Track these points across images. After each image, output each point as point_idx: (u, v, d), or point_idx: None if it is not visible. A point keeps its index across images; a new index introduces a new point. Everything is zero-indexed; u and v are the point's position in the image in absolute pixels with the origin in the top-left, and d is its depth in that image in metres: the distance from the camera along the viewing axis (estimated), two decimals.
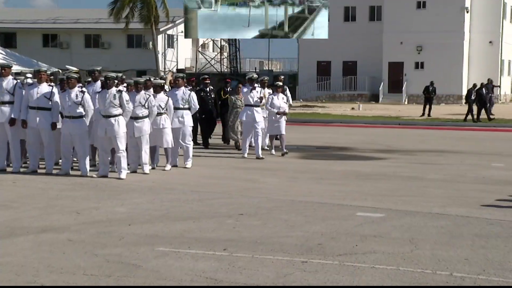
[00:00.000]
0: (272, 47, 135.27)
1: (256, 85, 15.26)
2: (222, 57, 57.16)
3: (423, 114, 32.74)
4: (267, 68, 57.46)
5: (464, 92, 47.41)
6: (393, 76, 48.12)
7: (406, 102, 47.32)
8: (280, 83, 15.61)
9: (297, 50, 52.81)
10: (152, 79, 13.08)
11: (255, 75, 15.57)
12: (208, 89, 16.97)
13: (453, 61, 46.24)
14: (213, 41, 58.16)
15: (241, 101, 15.83)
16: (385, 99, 47.56)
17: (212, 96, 16.96)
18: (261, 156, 14.54)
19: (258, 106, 14.79)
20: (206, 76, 17.65)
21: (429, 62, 46.88)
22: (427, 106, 33.06)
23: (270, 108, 15.22)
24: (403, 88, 47.40)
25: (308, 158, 14.93)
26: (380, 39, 48.12)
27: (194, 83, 18.17)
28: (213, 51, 60.24)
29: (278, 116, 15.23)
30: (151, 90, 12.72)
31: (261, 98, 14.84)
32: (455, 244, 6.92)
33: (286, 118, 15.54)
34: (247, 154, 14.81)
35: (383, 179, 11.87)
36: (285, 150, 15.23)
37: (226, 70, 56.31)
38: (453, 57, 46.20)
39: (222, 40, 57.17)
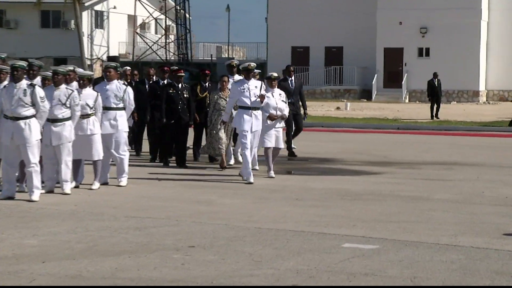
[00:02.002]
0: (233, 29, 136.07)
1: (253, 78, 14.12)
2: (167, 41, 57.10)
3: (433, 116, 33.04)
4: (226, 55, 57.58)
5: (482, 87, 48.11)
6: (390, 67, 48.57)
7: (406, 100, 47.80)
8: (276, 74, 14.58)
9: (266, 33, 53.03)
10: (75, 69, 12.99)
11: (253, 64, 14.13)
12: (180, 86, 15.72)
13: (467, 47, 46.79)
14: (156, 20, 58.08)
15: (226, 100, 14.96)
16: (380, 96, 48.00)
17: (185, 95, 15.71)
18: (250, 179, 13.43)
19: (258, 108, 13.72)
20: (177, 68, 16.23)
21: (436, 49, 47.43)
22: (435, 106, 33.34)
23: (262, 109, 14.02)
24: (403, 81, 47.89)
25: (280, 173, 14.96)
26: (373, 18, 48.55)
27: (131, 76, 18.06)
28: (156, 33, 60.14)
29: (271, 121, 14.16)
30: (74, 83, 12.63)
31: (261, 97, 13.69)
32: (470, 284, 6.98)
33: (284, 125, 14.70)
34: (253, 176, 13.53)
35: (377, 199, 11.95)
36: (271, 173, 14.13)
37: (172, 58, 56.26)
38: (467, 42, 46.78)
39: (167, 19, 57.10)
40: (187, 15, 56.81)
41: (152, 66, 18.71)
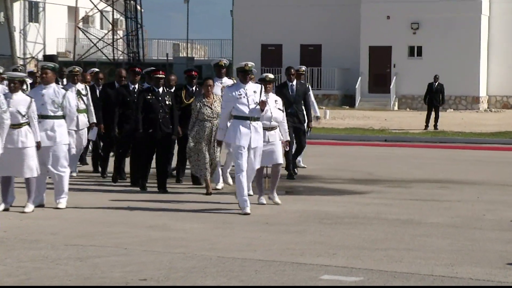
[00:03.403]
0: (192, 24, 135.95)
1: (251, 81, 13.38)
2: (115, 37, 56.96)
3: (427, 126, 33.21)
4: (184, 55, 57.58)
5: (482, 93, 48.39)
6: (376, 68, 48.75)
7: (395, 107, 47.99)
8: (272, 76, 14.04)
9: (231, 29, 53.07)
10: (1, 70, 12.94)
11: (251, 64, 13.34)
12: (161, 90, 15.19)
13: (466, 45, 47.05)
14: (102, 12, 57.91)
15: (211, 108, 14.64)
16: (365, 102, 48.16)
17: (167, 102, 15.13)
18: (247, 210, 12.73)
19: (258, 118, 13.05)
20: (154, 68, 15.63)
21: (429, 47, 47.67)
22: (432, 114, 33.43)
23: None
24: (391, 85, 48.06)
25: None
26: (356, 11, 48.75)
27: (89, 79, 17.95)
28: (102, 28, 59.96)
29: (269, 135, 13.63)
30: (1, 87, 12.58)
31: (262, 104, 12.96)
32: None
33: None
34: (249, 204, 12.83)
35: (361, 223, 11.99)
36: (275, 196, 13.73)
37: (121, 58, 56.10)
38: (465, 40, 47.04)
39: (115, 11, 56.96)
40: (139, 7, 56.74)
41: (97, 66, 18.53)
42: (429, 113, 33.52)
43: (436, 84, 33.96)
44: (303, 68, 18.63)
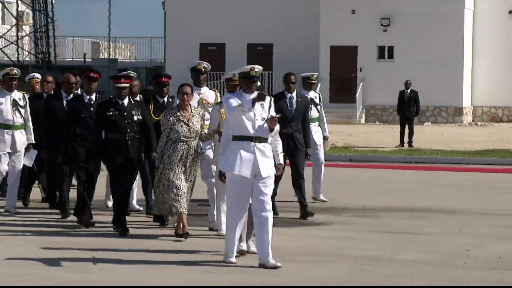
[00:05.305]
0: (115, 18, 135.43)
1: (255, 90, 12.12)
2: (20, 34, 56.60)
3: (402, 142, 33.33)
4: (106, 56, 57.36)
5: (466, 103, 48.67)
6: (339, 73, 48.84)
7: (362, 120, 48.10)
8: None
9: (163, 24, 52.94)
10: None
11: (258, 68, 12.25)
12: (126, 102, 14.15)
13: (447, 45, 47.29)
14: (4, 4, 57.50)
15: (188, 124, 13.64)
16: (326, 113, 48.06)
17: (136, 118, 14.11)
18: (273, 262, 11.62)
19: (265, 139, 12.06)
20: (120, 75, 14.57)
21: (403, 48, 47.86)
22: (406, 129, 33.56)
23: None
24: (357, 94, 48.18)
25: (191, 225, 14.93)
26: (315, 4, 48.87)
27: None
28: (3, 24, 59.55)
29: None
30: None
31: (272, 120, 11.98)
32: None
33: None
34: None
35: (319, 261, 12.05)
36: (251, 245, 12.70)
37: (27, 59, 55.73)
38: (446, 39, 47.28)
39: (20, 2, 56.57)
40: None
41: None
42: (403, 127, 33.53)
43: (408, 91, 33.89)
44: (316, 75, 18.01)
